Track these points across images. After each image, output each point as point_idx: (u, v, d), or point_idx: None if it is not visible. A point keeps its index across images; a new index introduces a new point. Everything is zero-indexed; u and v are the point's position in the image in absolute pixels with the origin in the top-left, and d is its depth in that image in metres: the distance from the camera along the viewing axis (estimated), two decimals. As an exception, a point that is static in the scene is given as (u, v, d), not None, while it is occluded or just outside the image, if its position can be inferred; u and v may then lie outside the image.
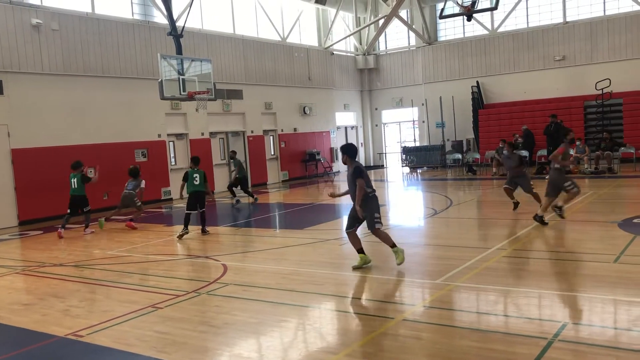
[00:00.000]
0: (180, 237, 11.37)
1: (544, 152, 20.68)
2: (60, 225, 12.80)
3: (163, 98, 14.93)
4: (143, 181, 13.84)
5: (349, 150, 7.95)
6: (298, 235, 11.12)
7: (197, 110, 16.22)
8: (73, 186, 12.90)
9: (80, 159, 15.94)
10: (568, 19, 23.94)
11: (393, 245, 7.85)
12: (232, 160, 18.11)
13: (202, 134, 20.11)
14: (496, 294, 6.39)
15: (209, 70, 15.78)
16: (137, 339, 5.63)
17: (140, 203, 13.70)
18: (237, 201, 16.68)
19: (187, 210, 11.67)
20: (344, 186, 21.86)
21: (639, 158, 19.29)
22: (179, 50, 15.72)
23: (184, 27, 16.09)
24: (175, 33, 15.81)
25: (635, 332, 5.00)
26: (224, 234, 12.19)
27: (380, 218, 7.93)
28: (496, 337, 5.10)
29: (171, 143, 19.20)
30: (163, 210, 16.67)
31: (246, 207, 16.24)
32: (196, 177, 11.64)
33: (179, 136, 19.51)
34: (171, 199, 18.69)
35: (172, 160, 19.20)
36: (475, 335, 5.20)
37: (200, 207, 11.64)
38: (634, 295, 6.01)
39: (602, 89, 21.42)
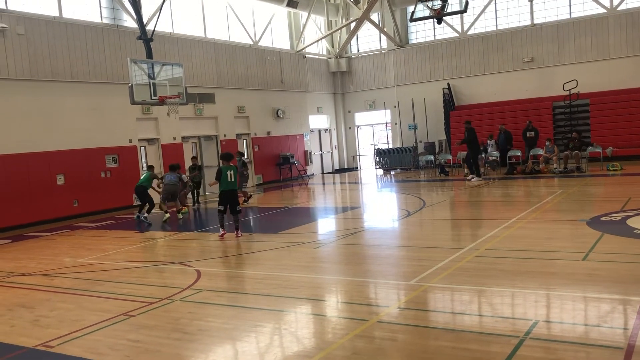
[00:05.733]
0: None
1: (516, 152, 21.07)
2: (221, 228, 11.56)
3: (133, 103, 14.75)
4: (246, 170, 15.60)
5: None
6: (273, 239, 11.08)
7: (168, 114, 16.07)
8: (229, 179, 11.23)
9: (48, 165, 15.80)
10: (536, 22, 24.39)
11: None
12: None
13: (174, 138, 19.91)
14: (469, 294, 6.46)
15: (180, 74, 15.64)
16: (109, 348, 5.54)
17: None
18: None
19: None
20: (319, 189, 21.89)
21: (606, 157, 19.74)
22: (149, 55, 15.54)
23: (154, 31, 15.92)
24: (145, 37, 15.63)
25: (604, 328, 5.10)
26: (198, 239, 12.08)
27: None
28: (470, 336, 5.16)
29: (142, 148, 18.96)
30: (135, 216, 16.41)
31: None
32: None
33: (151, 141, 19.28)
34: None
35: (144, 165, 18.95)
36: (450, 336, 5.24)
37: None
38: (602, 292, 6.14)
39: (569, 89, 21.88)
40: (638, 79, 22.09)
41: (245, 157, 20.22)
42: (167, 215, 14.84)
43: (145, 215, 15.07)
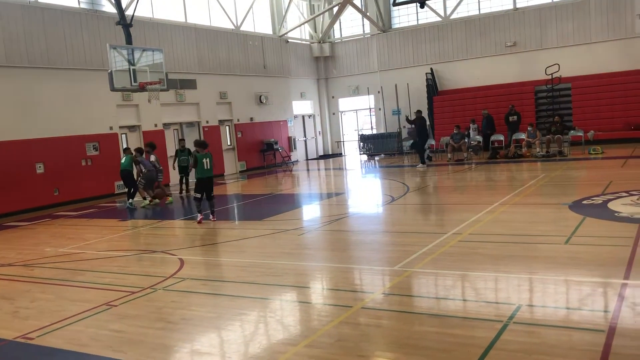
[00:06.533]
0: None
1: (499, 136, 21.19)
2: (198, 213, 11.69)
3: (113, 89, 14.52)
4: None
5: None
6: (257, 226, 11.02)
7: (149, 101, 15.83)
8: (206, 167, 11.40)
9: (27, 154, 15.51)
10: (518, 6, 24.40)
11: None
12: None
13: (156, 125, 19.68)
14: (453, 279, 6.48)
15: (160, 60, 15.40)
16: (91, 338, 5.46)
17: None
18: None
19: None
20: (303, 175, 21.82)
21: (588, 141, 19.91)
22: (129, 40, 15.28)
23: (133, 16, 15.65)
24: (125, 22, 15.36)
25: (585, 311, 5.15)
26: (181, 228, 11.99)
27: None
28: (454, 321, 5.17)
29: (124, 135, 18.71)
30: (117, 204, 16.26)
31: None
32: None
33: (132, 128, 19.03)
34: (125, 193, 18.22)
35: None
36: (434, 321, 5.26)
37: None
38: (584, 275, 6.19)
39: (551, 74, 21.99)
40: (619, 62, 22.24)
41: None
42: (146, 201, 14.93)
43: (130, 201, 15.11)
